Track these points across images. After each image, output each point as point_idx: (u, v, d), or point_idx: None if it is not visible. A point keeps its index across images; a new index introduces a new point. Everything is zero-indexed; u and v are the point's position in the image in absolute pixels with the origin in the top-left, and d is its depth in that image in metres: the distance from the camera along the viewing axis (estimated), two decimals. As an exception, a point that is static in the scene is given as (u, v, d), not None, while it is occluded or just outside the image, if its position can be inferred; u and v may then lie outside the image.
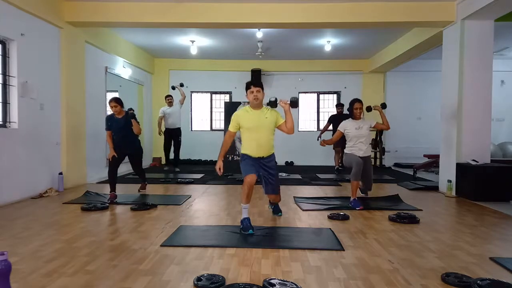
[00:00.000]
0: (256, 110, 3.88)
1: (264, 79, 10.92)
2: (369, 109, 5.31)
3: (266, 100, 3.96)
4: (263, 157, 3.94)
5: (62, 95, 6.21)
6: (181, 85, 9.04)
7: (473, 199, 5.37)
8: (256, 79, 3.99)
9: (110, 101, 5.35)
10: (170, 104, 8.78)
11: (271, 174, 4.02)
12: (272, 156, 4.05)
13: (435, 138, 8.25)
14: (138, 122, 5.45)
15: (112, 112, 5.39)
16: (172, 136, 8.87)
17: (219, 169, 3.83)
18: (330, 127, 8.58)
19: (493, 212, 4.67)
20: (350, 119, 5.06)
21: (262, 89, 3.87)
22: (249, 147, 3.91)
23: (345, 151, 5.13)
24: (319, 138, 8.56)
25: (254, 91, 3.81)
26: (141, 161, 5.87)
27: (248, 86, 3.87)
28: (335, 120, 8.23)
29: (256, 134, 3.86)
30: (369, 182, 5.22)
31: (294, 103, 3.91)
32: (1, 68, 5.05)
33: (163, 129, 8.83)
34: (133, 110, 5.51)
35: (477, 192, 5.37)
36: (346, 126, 5.03)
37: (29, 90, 5.35)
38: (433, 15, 6.05)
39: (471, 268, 2.75)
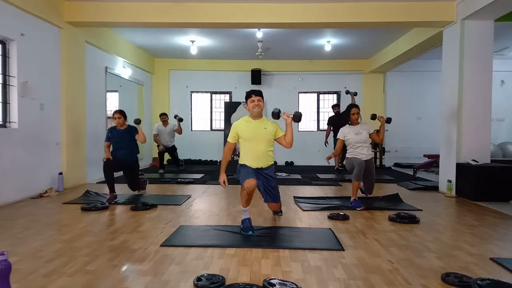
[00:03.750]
0: (256, 120, 3.84)
1: (264, 79, 10.93)
2: (373, 117, 5.19)
3: (266, 111, 3.91)
4: (261, 168, 3.90)
5: (62, 95, 6.21)
6: (180, 120, 8.63)
7: (473, 199, 5.37)
8: (256, 89, 3.92)
9: (115, 112, 5.39)
10: (165, 123, 8.54)
11: (271, 182, 3.96)
12: (271, 167, 3.99)
13: (435, 138, 8.24)
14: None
15: (114, 125, 5.40)
16: (167, 151, 8.72)
17: (224, 182, 3.79)
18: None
19: (493, 212, 4.67)
20: (347, 125, 5.02)
21: (263, 98, 3.84)
22: (247, 158, 3.85)
23: (347, 155, 5.05)
24: (327, 144, 8.66)
25: (255, 100, 3.76)
26: (138, 175, 5.74)
27: (248, 95, 3.81)
28: (334, 122, 8.28)
29: (253, 145, 3.81)
30: (371, 184, 5.13)
31: (297, 118, 3.81)
32: (1, 68, 5.05)
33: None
34: (140, 120, 5.57)
35: (477, 192, 5.37)
36: (345, 132, 4.97)
37: (29, 90, 5.35)
38: (433, 15, 6.05)
39: (471, 268, 2.75)
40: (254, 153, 3.83)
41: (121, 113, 5.37)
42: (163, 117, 8.58)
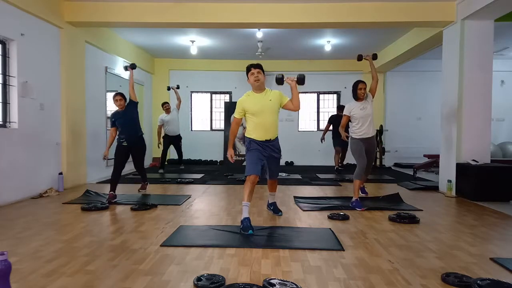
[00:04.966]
0: (259, 93, 3.88)
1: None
2: (359, 58, 5.30)
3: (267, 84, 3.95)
4: (270, 139, 3.95)
5: (62, 95, 6.21)
6: (178, 87, 8.81)
7: (473, 199, 5.37)
8: (256, 63, 3.98)
9: (115, 95, 5.50)
10: (168, 111, 8.61)
11: (276, 156, 4.05)
12: (277, 139, 4.08)
13: (435, 138, 8.24)
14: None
15: (116, 109, 5.51)
16: (173, 142, 8.79)
17: (231, 156, 3.93)
18: (331, 127, 8.60)
19: (493, 212, 4.67)
20: (353, 101, 5.02)
21: (263, 71, 3.87)
22: (255, 131, 3.91)
23: (352, 135, 5.01)
24: (323, 140, 8.62)
25: (255, 72, 3.81)
26: (144, 158, 5.88)
27: (248, 69, 3.88)
28: (335, 121, 8.27)
29: (261, 118, 3.85)
30: (370, 163, 5.10)
31: (301, 80, 3.88)
32: (1, 68, 5.05)
33: (162, 134, 8.72)
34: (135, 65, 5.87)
35: (477, 192, 5.37)
36: (351, 108, 4.97)
37: (29, 90, 5.35)
38: (433, 15, 6.05)
39: (471, 268, 2.75)
40: (262, 125, 3.87)
41: (121, 95, 5.51)
42: (166, 105, 8.66)
